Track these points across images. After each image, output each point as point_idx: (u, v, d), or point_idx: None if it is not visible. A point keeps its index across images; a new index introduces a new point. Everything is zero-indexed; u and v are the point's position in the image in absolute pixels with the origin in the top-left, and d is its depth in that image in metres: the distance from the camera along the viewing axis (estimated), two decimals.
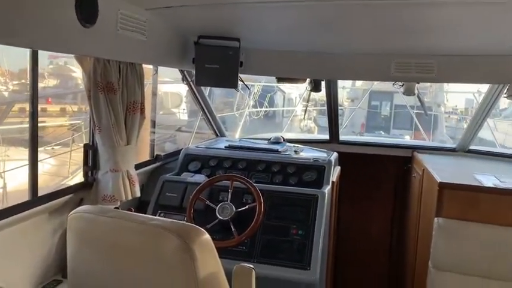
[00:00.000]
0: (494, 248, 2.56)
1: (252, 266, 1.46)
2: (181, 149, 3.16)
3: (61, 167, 7.13)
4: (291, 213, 2.59)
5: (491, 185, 2.71)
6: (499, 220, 2.62)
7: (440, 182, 2.73)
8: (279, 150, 3.13)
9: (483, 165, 3.36)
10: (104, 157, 2.32)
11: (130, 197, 2.40)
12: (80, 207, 1.59)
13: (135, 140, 2.43)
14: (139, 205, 2.78)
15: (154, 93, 3.05)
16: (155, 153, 3.08)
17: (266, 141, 3.46)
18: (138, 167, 2.74)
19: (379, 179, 4.09)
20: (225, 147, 3.21)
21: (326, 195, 2.63)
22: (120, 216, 1.52)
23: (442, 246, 2.64)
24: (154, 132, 3.17)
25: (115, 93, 2.25)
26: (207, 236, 1.46)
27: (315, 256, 2.42)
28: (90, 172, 2.40)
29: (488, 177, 2.87)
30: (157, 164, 3.09)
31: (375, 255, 4.12)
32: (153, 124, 3.13)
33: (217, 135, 3.94)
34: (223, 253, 1.84)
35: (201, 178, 2.84)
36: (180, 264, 1.38)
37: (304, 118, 8.82)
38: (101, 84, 2.20)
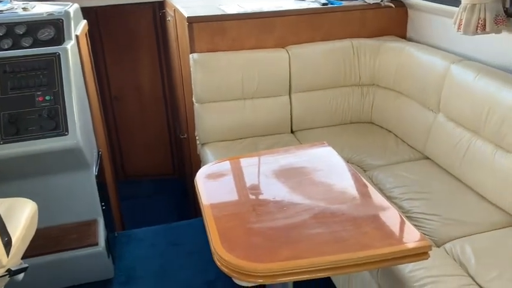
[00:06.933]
0: (242, 71, 2.78)
1: None
2: None
3: None
4: (32, 80, 2.24)
5: (234, 12, 2.82)
6: (244, 45, 2.81)
7: (188, 17, 2.70)
8: (0, 9, 2.55)
9: None
10: None
11: None
12: None
13: None
14: None
15: None
16: None
17: None
18: None
19: (139, 29, 3.91)
20: None
21: (69, 51, 2.33)
22: None
23: (199, 81, 2.73)
24: None
25: None
26: None
27: (71, 119, 2.22)
28: None
29: (231, 6, 2.97)
30: None
31: (152, 106, 4.17)
32: None
33: None
34: None
35: None
36: None
37: None
38: None
